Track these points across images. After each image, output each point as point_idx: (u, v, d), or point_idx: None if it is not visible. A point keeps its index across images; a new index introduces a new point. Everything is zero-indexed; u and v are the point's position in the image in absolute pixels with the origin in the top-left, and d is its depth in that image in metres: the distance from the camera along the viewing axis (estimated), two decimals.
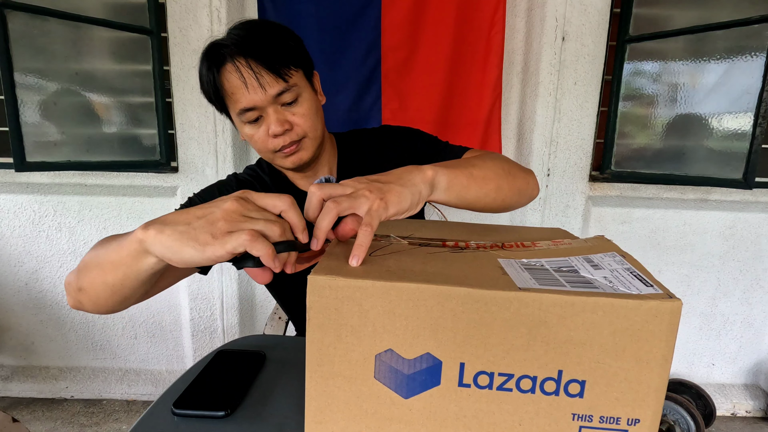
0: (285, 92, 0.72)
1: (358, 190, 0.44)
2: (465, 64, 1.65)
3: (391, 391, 0.38)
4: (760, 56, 1.39)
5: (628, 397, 0.35)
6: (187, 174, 1.72)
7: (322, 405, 0.39)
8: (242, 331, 1.87)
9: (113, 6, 1.60)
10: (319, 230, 0.43)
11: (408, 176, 0.48)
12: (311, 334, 0.38)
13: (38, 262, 1.78)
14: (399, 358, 0.37)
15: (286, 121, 0.73)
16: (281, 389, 0.60)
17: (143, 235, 0.42)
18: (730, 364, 1.88)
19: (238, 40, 0.71)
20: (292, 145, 0.75)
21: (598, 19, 1.62)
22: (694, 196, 1.74)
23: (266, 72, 0.70)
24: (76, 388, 1.86)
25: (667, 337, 0.34)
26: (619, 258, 0.42)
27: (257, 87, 0.70)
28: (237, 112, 0.73)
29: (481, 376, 0.37)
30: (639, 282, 0.37)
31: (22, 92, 1.39)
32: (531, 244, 0.49)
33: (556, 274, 0.39)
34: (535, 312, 0.35)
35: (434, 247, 0.46)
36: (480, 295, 0.35)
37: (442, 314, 0.36)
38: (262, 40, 0.71)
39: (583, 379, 0.35)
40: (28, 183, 1.71)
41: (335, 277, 0.37)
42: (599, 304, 0.34)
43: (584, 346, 0.35)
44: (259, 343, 0.73)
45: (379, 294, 0.36)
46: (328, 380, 0.39)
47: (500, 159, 0.64)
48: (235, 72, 0.70)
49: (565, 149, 1.71)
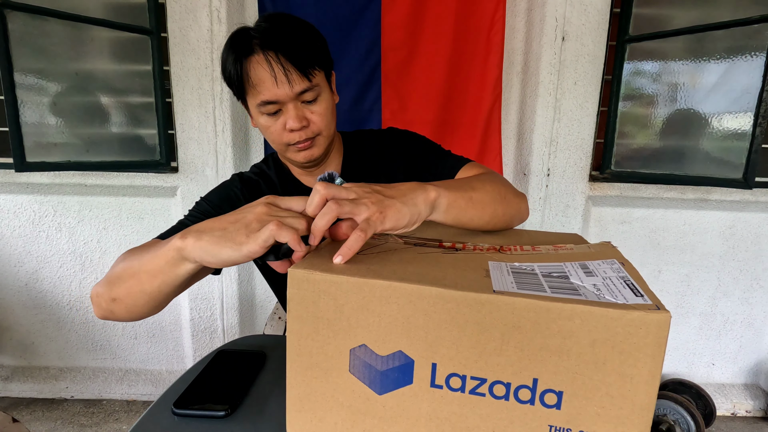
0: (308, 91, 0.74)
1: (360, 197, 0.45)
2: (465, 64, 1.65)
3: (366, 387, 0.38)
4: (760, 56, 1.39)
5: (611, 413, 0.33)
6: (187, 174, 1.72)
7: (302, 394, 0.40)
8: (242, 331, 1.87)
9: (113, 6, 1.60)
10: (317, 228, 0.44)
11: (411, 194, 0.49)
12: (291, 325, 0.39)
13: (38, 263, 1.78)
14: (372, 354, 0.38)
15: (304, 117, 0.76)
16: (281, 389, 0.60)
17: (182, 244, 0.48)
18: (730, 363, 1.88)
19: (270, 33, 0.72)
20: (306, 141, 0.78)
21: (598, 19, 1.62)
22: (694, 196, 1.74)
23: (294, 69, 0.72)
24: (76, 388, 1.86)
25: (654, 351, 0.31)
26: (617, 266, 0.40)
27: (285, 82, 0.72)
28: (258, 102, 0.75)
29: (453, 378, 0.36)
30: (629, 291, 0.35)
31: (22, 92, 1.39)
32: (531, 248, 0.48)
33: (542, 279, 0.38)
34: (508, 316, 0.34)
35: (429, 248, 0.46)
36: (451, 296, 0.35)
37: (414, 313, 0.36)
38: (293, 36, 0.73)
39: (560, 389, 0.34)
40: (28, 183, 1.71)
41: (313, 272, 0.38)
42: (576, 311, 0.32)
43: (561, 355, 0.33)
44: (259, 343, 0.73)
45: (353, 290, 0.37)
46: (306, 371, 0.40)
47: (498, 183, 0.65)
48: (265, 64, 0.72)
49: (565, 149, 1.71)
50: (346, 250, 0.40)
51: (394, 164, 0.88)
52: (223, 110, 1.67)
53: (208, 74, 1.65)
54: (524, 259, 0.44)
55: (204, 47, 1.63)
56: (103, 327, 1.85)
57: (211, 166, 1.71)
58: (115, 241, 1.77)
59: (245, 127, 1.76)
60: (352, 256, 0.41)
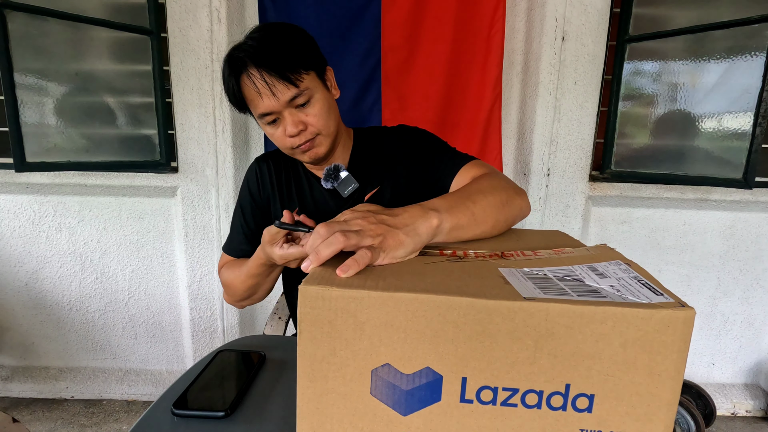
0: (297, 96, 0.78)
1: (365, 230, 0.45)
2: (465, 63, 1.64)
3: (389, 408, 0.36)
4: (760, 56, 1.39)
5: (639, 411, 0.33)
6: (187, 174, 1.72)
7: (315, 424, 0.37)
8: (242, 331, 1.87)
9: (113, 6, 1.60)
10: (319, 255, 0.42)
11: (414, 225, 0.48)
12: (303, 348, 0.36)
13: (38, 263, 1.78)
14: (397, 373, 0.35)
15: (300, 122, 0.80)
16: (281, 389, 0.60)
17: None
18: (730, 363, 1.88)
19: (251, 50, 0.77)
20: (307, 143, 0.82)
21: (598, 19, 1.62)
22: (694, 195, 1.74)
23: (278, 80, 0.76)
24: (77, 389, 1.86)
25: (680, 348, 0.32)
26: (625, 266, 0.40)
27: (270, 95, 0.77)
28: (257, 115, 0.81)
29: (485, 391, 0.35)
30: (648, 290, 0.35)
31: (22, 92, 1.39)
32: (532, 252, 0.47)
33: (560, 283, 0.37)
34: (542, 323, 0.33)
35: (432, 257, 0.45)
36: (483, 305, 0.33)
37: (443, 326, 0.34)
38: (273, 48, 0.76)
39: (592, 393, 0.34)
40: (28, 183, 1.71)
41: (328, 288, 0.35)
42: (609, 313, 0.32)
43: (593, 359, 0.33)
44: (259, 343, 0.73)
45: (376, 305, 0.34)
46: (321, 397, 0.36)
47: (499, 188, 0.65)
48: (251, 81, 0.77)
49: (565, 149, 1.71)
50: (351, 262, 0.39)
51: (396, 159, 0.91)
52: (223, 110, 1.67)
53: (208, 74, 1.65)
54: (531, 264, 0.43)
55: (204, 47, 1.63)
56: (103, 327, 1.86)
57: (211, 166, 1.71)
58: (115, 241, 1.77)
59: (245, 127, 1.76)
60: (358, 270, 0.39)
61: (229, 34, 1.62)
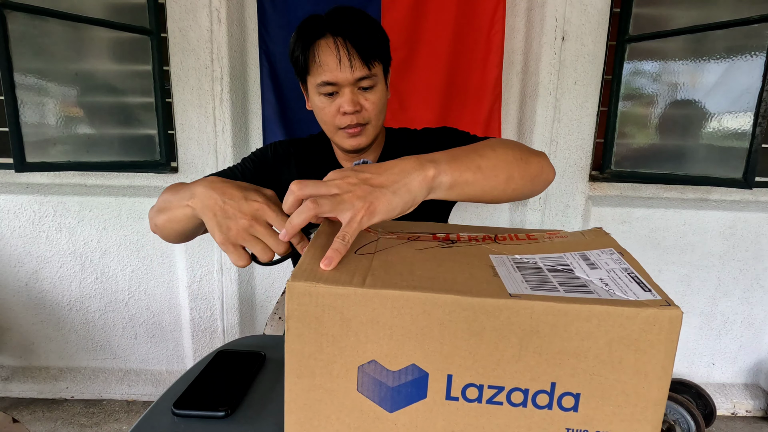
0: (366, 78, 0.78)
1: (344, 193, 0.42)
2: (465, 63, 1.64)
3: (375, 405, 0.36)
4: (760, 56, 1.39)
5: (626, 411, 0.33)
6: (187, 174, 1.72)
7: (302, 419, 0.37)
8: (242, 331, 1.87)
9: (113, 6, 1.60)
10: (290, 226, 0.43)
11: (405, 180, 0.44)
12: (290, 345, 0.36)
13: (38, 263, 1.78)
14: (383, 370, 0.35)
15: (358, 102, 0.79)
16: (281, 389, 0.60)
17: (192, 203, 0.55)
18: (730, 363, 1.88)
19: (340, 20, 0.77)
20: (357, 127, 0.81)
21: (597, 19, 1.62)
22: (694, 195, 1.74)
23: (357, 56, 0.76)
24: (77, 389, 1.86)
25: (667, 347, 0.32)
26: (617, 256, 0.40)
27: (347, 66, 0.76)
28: (318, 82, 0.79)
29: (470, 388, 0.35)
30: (636, 286, 0.35)
31: (22, 92, 1.39)
32: (525, 236, 0.47)
33: (549, 274, 0.37)
34: (527, 321, 0.33)
35: (424, 242, 0.44)
36: (468, 303, 0.33)
37: (428, 323, 0.34)
38: (360, 27, 0.78)
39: (578, 391, 0.34)
40: (28, 183, 1.71)
41: (315, 284, 0.35)
42: (594, 312, 0.32)
43: (578, 357, 0.33)
44: (259, 343, 0.73)
45: (362, 302, 0.34)
46: (308, 393, 0.37)
47: (512, 145, 0.61)
48: (333, 47, 0.76)
49: (565, 149, 1.71)
50: (332, 253, 0.38)
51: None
52: (223, 110, 1.67)
53: (208, 74, 1.65)
54: (523, 250, 0.43)
55: (204, 47, 1.63)
56: (103, 327, 1.86)
57: (211, 166, 1.71)
58: (115, 242, 1.77)
59: (245, 127, 1.76)
60: (340, 258, 0.38)
61: (229, 34, 1.62)
